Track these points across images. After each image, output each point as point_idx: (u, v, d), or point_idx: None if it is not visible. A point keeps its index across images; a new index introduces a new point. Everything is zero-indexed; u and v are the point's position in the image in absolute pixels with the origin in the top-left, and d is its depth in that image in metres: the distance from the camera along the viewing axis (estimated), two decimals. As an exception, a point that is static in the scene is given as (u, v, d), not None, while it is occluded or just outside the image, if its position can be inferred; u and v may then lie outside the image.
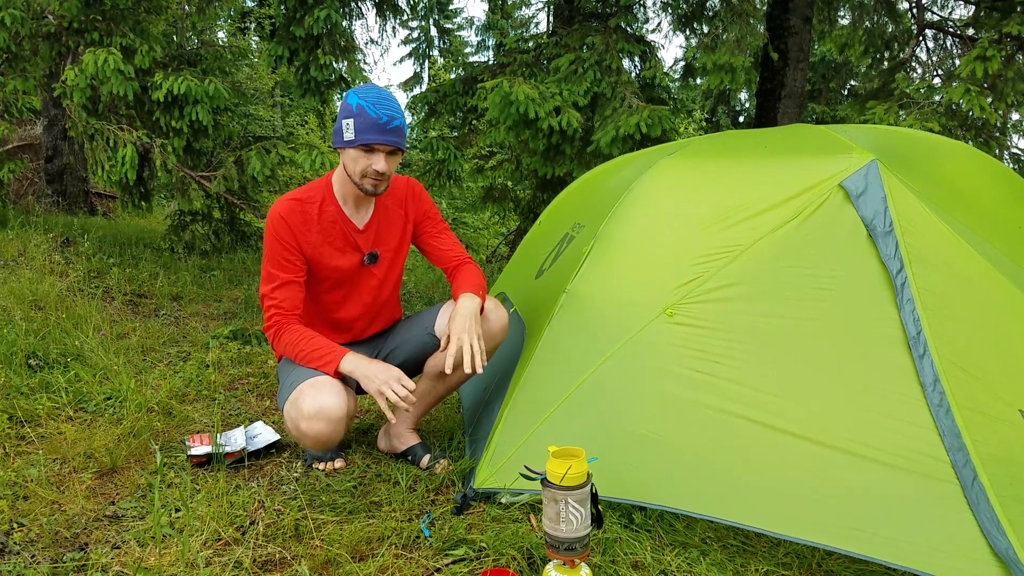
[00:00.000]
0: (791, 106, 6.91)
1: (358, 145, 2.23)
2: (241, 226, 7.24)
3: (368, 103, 2.21)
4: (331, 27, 6.20)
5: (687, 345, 2.10)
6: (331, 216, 2.38)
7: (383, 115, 2.21)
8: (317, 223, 2.36)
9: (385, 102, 2.23)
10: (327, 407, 2.16)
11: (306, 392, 2.18)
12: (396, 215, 2.51)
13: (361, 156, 2.25)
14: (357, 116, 2.22)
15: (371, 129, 2.21)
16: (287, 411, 2.23)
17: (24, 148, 9.40)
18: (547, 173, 6.21)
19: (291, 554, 1.90)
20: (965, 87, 5.10)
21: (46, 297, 4.31)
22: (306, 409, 2.15)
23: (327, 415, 2.16)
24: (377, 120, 2.20)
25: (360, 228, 2.43)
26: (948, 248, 2.08)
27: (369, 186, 2.29)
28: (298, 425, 2.19)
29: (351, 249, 2.43)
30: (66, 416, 2.84)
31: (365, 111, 2.21)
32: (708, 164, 2.62)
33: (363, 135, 2.21)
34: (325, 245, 2.38)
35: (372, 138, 2.21)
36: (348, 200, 2.41)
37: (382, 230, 2.48)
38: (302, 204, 2.35)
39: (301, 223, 2.33)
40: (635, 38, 6.39)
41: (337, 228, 2.39)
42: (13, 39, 5.64)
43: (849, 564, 1.87)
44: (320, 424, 2.16)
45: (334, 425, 2.18)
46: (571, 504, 1.66)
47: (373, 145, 2.23)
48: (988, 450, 1.74)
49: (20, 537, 1.96)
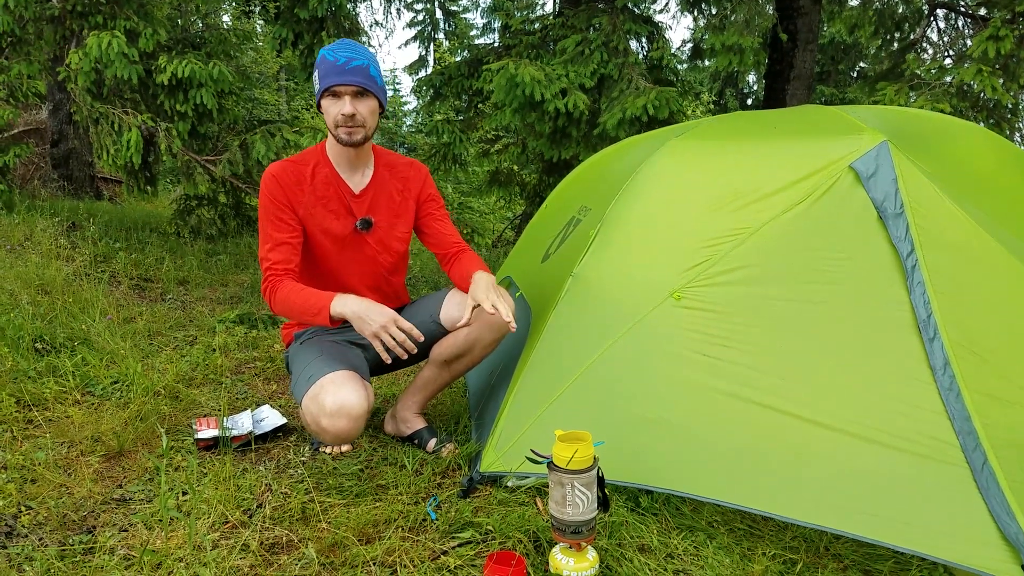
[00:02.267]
0: (800, 88, 6.85)
1: (323, 92, 2.24)
2: (247, 211, 7.23)
3: (329, 50, 2.23)
4: (335, 9, 6.16)
5: (694, 328, 2.09)
6: (325, 178, 2.38)
7: (340, 57, 2.21)
8: (310, 183, 2.36)
9: (345, 46, 2.24)
10: (349, 404, 2.12)
11: (327, 388, 2.14)
12: (394, 187, 2.49)
13: (331, 104, 2.26)
14: (320, 64, 2.24)
15: (331, 72, 2.21)
16: (307, 406, 2.18)
17: (29, 132, 9.40)
18: (553, 156, 6.18)
19: (298, 537, 1.90)
20: (977, 67, 5.03)
21: (53, 281, 4.31)
22: (328, 406, 2.11)
23: (348, 412, 2.12)
24: (335, 63, 2.20)
25: (356, 193, 2.42)
26: (959, 230, 2.05)
27: (344, 135, 2.27)
28: (319, 421, 2.14)
29: (345, 212, 2.41)
30: (73, 400, 2.85)
31: (326, 57, 2.23)
32: (716, 146, 2.59)
33: (325, 79, 2.22)
34: (318, 206, 2.36)
35: (333, 80, 2.21)
36: (342, 163, 2.40)
37: (378, 198, 2.46)
38: (295, 165, 2.36)
39: (294, 182, 2.33)
40: (642, 19, 6.34)
41: (332, 190, 2.38)
42: (17, 22, 5.61)
43: (857, 548, 1.86)
44: (342, 421, 2.12)
45: (356, 422, 2.14)
46: (577, 487, 1.66)
47: (335, 88, 2.22)
48: (998, 434, 1.72)
49: (28, 520, 1.97)
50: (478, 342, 2.40)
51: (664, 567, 1.78)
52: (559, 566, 1.67)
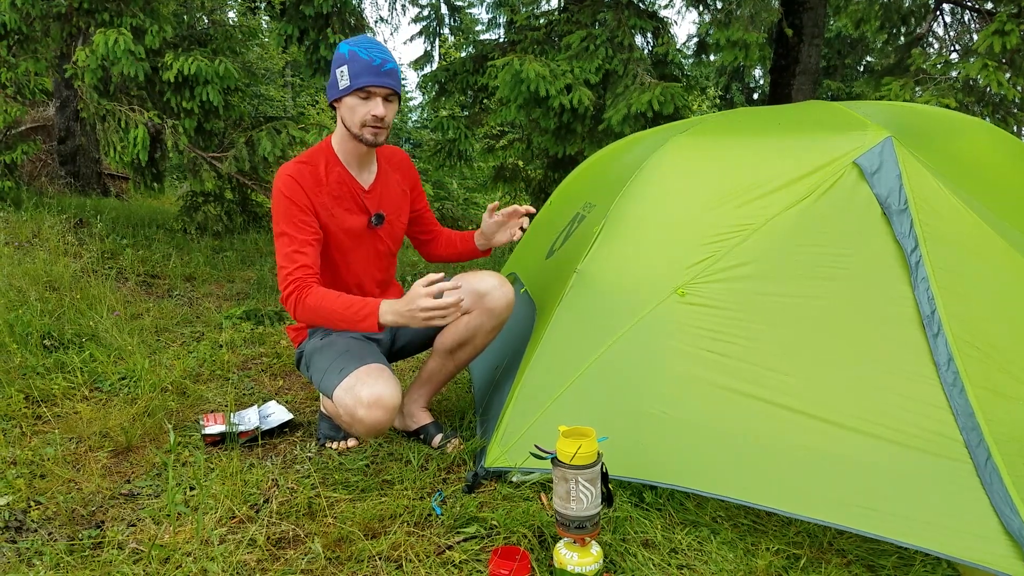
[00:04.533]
0: (806, 83, 6.82)
1: (354, 91, 2.20)
2: (253, 207, 7.25)
3: (360, 48, 2.19)
4: (341, 5, 6.16)
5: (699, 325, 2.09)
6: (338, 176, 2.36)
7: (376, 57, 2.18)
8: (326, 184, 2.34)
9: (376, 46, 2.21)
10: (386, 396, 2.14)
11: (363, 380, 2.16)
12: (394, 179, 2.51)
13: (359, 103, 2.22)
14: (351, 62, 2.18)
15: (366, 72, 2.17)
16: (341, 398, 2.18)
17: (37, 129, 9.44)
18: (558, 152, 6.18)
19: (304, 531, 1.91)
20: (983, 62, 5.00)
21: (60, 278, 4.33)
22: (365, 397, 2.13)
23: (385, 403, 2.14)
24: (371, 62, 2.17)
25: (366, 189, 2.42)
26: (964, 226, 2.05)
27: (369, 135, 2.25)
28: (355, 412, 2.15)
29: (359, 210, 2.41)
30: (81, 396, 2.87)
31: (358, 55, 2.18)
32: (720, 142, 2.59)
33: (359, 79, 2.18)
34: (336, 207, 2.35)
35: (368, 80, 2.18)
36: (351, 161, 2.38)
37: (385, 192, 2.47)
38: (309, 166, 2.32)
39: (313, 184, 2.30)
40: (647, 14, 6.33)
41: (345, 188, 2.37)
42: (24, 20, 5.64)
43: (861, 543, 1.87)
44: (379, 412, 2.14)
45: (391, 413, 2.17)
46: (581, 483, 1.66)
47: (369, 88, 2.19)
48: (1002, 430, 1.72)
49: (37, 515, 1.99)
50: (480, 328, 2.43)
51: (668, 562, 1.79)
52: (563, 561, 1.68)
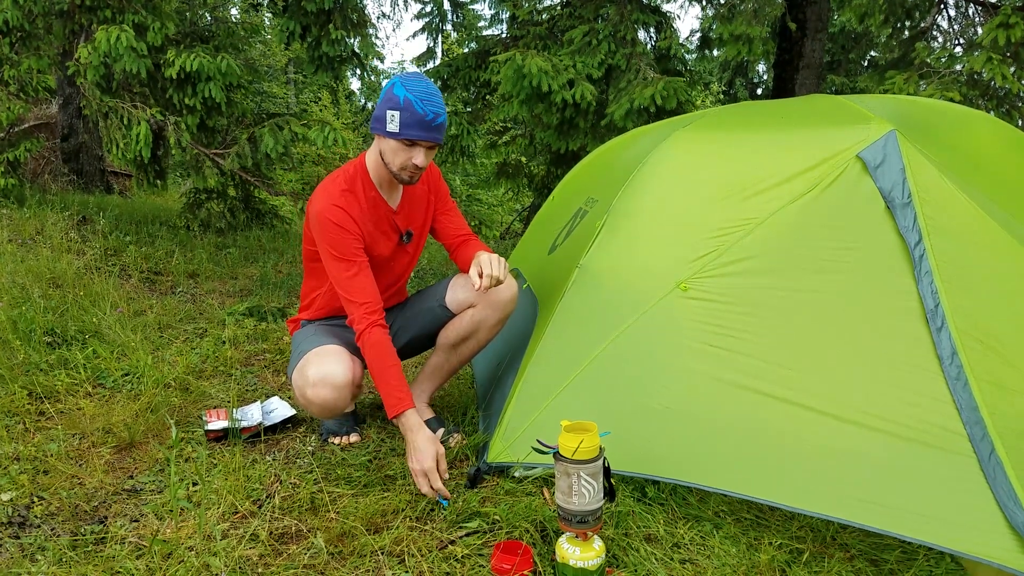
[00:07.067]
0: (809, 77, 6.79)
1: (401, 139, 2.20)
2: (256, 204, 7.25)
3: (416, 98, 2.16)
4: (343, 2, 6.15)
5: (702, 319, 2.09)
6: (372, 201, 2.37)
7: (430, 112, 2.17)
8: (368, 212, 2.35)
9: (432, 98, 2.19)
10: (331, 374, 2.24)
11: (312, 360, 2.28)
12: (421, 192, 2.50)
13: (402, 149, 2.22)
14: (404, 110, 2.17)
15: (417, 125, 2.17)
16: (294, 379, 2.33)
17: (40, 127, 9.43)
18: (561, 147, 6.16)
19: (307, 527, 1.92)
20: (987, 56, 4.97)
21: (64, 275, 4.34)
22: (311, 376, 2.24)
23: (331, 381, 2.23)
24: (424, 117, 2.17)
25: (395, 209, 2.43)
26: (967, 220, 2.04)
27: (407, 177, 2.27)
28: (304, 392, 2.28)
29: (392, 231, 2.43)
30: (85, 392, 2.87)
31: (413, 106, 2.16)
32: (723, 136, 2.59)
33: (408, 130, 2.18)
34: (376, 232, 2.38)
35: (417, 134, 2.18)
36: (383, 184, 2.39)
37: (412, 208, 2.48)
38: (351, 195, 2.31)
39: (359, 215, 2.31)
40: (650, 8, 6.30)
41: (380, 212, 2.39)
42: (26, 17, 5.64)
43: (863, 537, 1.87)
44: (325, 391, 2.24)
45: (339, 391, 2.25)
46: (583, 478, 1.66)
47: (416, 141, 2.21)
48: (1005, 423, 1.72)
49: (41, 510, 2.00)
50: (483, 323, 2.44)
51: (670, 556, 1.79)
52: (565, 555, 1.68)
